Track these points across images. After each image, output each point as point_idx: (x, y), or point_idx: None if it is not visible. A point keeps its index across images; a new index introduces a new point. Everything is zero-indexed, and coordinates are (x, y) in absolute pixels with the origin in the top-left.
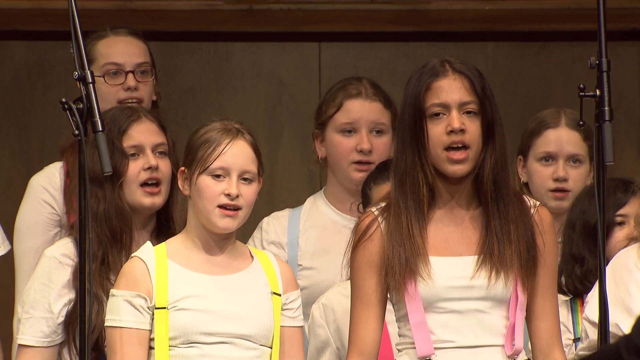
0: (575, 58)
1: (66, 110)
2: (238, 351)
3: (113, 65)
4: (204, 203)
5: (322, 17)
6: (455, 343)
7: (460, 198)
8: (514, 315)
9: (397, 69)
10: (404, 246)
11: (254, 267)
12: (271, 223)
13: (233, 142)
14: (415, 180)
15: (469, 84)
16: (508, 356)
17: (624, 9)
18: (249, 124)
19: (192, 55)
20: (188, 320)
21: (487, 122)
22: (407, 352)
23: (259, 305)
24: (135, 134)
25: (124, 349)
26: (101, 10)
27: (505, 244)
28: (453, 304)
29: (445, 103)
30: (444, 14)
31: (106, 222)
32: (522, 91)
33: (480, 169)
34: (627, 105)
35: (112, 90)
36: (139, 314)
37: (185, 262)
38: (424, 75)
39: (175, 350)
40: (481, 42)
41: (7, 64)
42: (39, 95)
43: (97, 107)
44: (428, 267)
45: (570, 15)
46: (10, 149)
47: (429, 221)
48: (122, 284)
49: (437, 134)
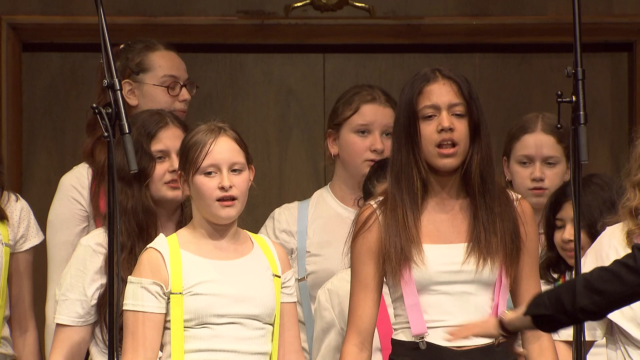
0: (553, 68)
1: (96, 114)
2: (246, 330)
3: (172, 78)
4: (204, 199)
5: (326, 31)
6: (446, 322)
7: (450, 190)
8: (498, 296)
9: (394, 77)
10: (400, 236)
11: (256, 251)
12: (282, 213)
13: (217, 140)
14: (410, 176)
15: (457, 88)
16: None
17: (597, 24)
18: (260, 127)
19: (209, 65)
20: (201, 304)
21: (473, 122)
22: (403, 331)
23: (263, 287)
24: (163, 139)
25: (140, 331)
26: (128, 25)
27: (491, 234)
28: (444, 287)
29: (435, 104)
30: (436, 28)
31: (134, 217)
32: (505, 97)
33: (468, 164)
34: (600, 110)
35: (169, 100)
36: (155, 299)
37: (196, 250)
38: (416, 81)
39: (189, 331)
40: (469, 53)
41: (44, 73)
42: (73, 101)
43: (124, 111)
44: (422, 254)
45: (549, 30)
46: (47, 149)
47: (422, 212)
48: (140, 273)
49: (429, 133)
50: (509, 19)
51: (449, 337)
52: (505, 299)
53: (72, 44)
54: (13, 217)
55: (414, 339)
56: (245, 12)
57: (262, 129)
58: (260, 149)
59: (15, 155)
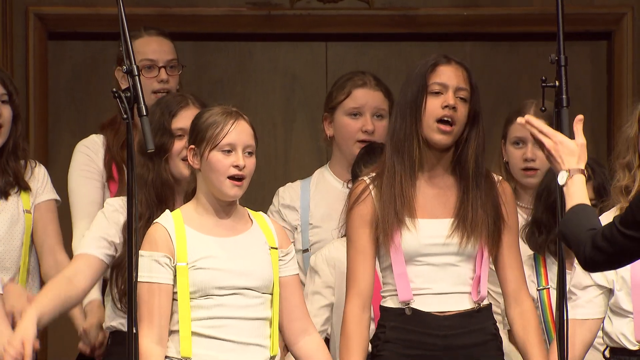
0: (539, 55)
1: (116, 98)
2: (246, 300)
3: (148, 61)
4: (216, 175)
5: (329, 21)
6: (431, 290)
7: (441, 168)
8: (480, 268)
9: (391, 64)
10: (395, 201)
11: (254, 228)
12: (287, 191)
13: (237, 122)
14: (410, 144)
15: (467, 75)
16: (474, 301)
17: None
18: (267, 111)
19: (220, 53)
20: (204, 277)
21: (473, 110)
22: (392, 298)
23: (261, 261)
24: (183, 118)
25: (153, 302)
26: (145, 15)
27: (478, 213)
28: (430, 258)
29: (445, 83)
30: (430, 19)
31: (153, 189)
32: (495, 82)
33: (465, 147)
34: (581, 94)
35: (147, 82)
36: (165, 271)
37: (199, 227)
38: (430, 60)
39: (195, 302)
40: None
41: (68, 60)
42: (94, 86)
43: (142, 95)
44: (414, 220)
45: (535, 20)
46: (71, 130)
47: (414, 185)
48: (151, 246)
49: (433, 107)
50: (498, 10)
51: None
52: (486, 271)
53: (94, 33)
54: (37, 179)
55: (400, 305)
56: (254, 3)
57: (268, 113)
58: (267, 131)
59: (42, 136)
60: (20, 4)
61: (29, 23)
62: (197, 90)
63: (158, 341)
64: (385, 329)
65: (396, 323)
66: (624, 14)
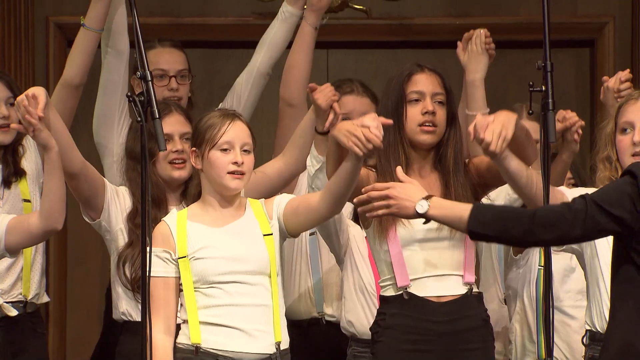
0: (526, 61)
1: (131, 102)
2: (247, 287)
3: (160, 71)
4: (216, 171)
5: (330, 30)
6: (426, 274)
7: (427, 165)
8: (466, 251)
9: (388, 70)
10: None
11: (247, 214)
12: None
13: (233, 123)
14: (395, 150)
15: (440, 80)
16: (465, 283)
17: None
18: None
19: (229, 59)
20: (203, 266)
21: (451, 111)
22: (390, 287)
23: (253, 244)
24: (167, 124)
25: (156, 293)
26: (158, 25)
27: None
28: (424, 244)
29: (422, 91)
30: (425, 27)
31: None
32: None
33: (445, 146)
34: (566, 98)
35: (158, 90)
36: (166, 264)
37: (201, 220)
38: (405, 71)
39: (199, 291)
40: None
41: None
42: None
43: (154, 99)
44: None
45: (522, 28)
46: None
47: None
48: (154, 243)
49: (413, 114)
50: (487, 19)
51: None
52: (472, 254)
53: None
54: (31, 150)
55: (399, 291)
56: (260, 13)
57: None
58: (272, 132)
59: None
60: (41, 14)
61: (49, 32)
62: (207, 95)
63: (165, 330)
64: (385, 316)
65: (396, 309)
66: (606, 23)
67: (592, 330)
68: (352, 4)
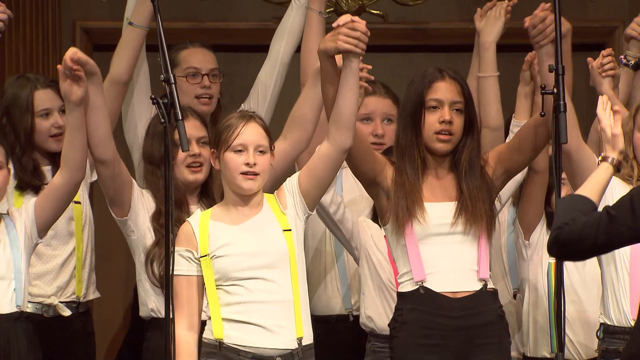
0: None
1: (154, 104)
2: (268, 284)
3: (193, 69)
4: (230, 172)
5: None
6: (442, 269)
7: (443, 169)
8: (481, 247)
9: (403, 72)
10: (406, 198)
11: (264, 209)
12: None
13: (247, 124)
14: (411, 153)
15: (460, 88)
16: (479, 279)
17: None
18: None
19: (250, 63)
20: (223, 264)
21: (469, 118)
22: (407, 283)
23: (271, 237)
24: None
25: (180, 291)
26: (181, 29)
27: (476, 203)
28: (440, 238)
29: (440, 99)
30: (439, 32)
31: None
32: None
33: (460, 152)
34: (577, 101)
35: (191, 88)
36: (188, 263)
37: (223, 219)
38: (426, 77)
39: (221, 289)
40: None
41: None
42: None
43: (177, 101)
44: (423, 212)
45: None
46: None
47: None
48: (177, 243)
49: (431, 121)
50: None
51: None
52: (486, 251)
53: None
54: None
55: (416, 286)
56: (279, 18)
57: None
58: None
59: None
60: (68, 19)
61: (76, 36)
62: (228, 98)
63: (189, 327)
64: (402, 311)
65: (412, 305)
66: (616, 27)
67: (606, 324)
68: (369, 8)
